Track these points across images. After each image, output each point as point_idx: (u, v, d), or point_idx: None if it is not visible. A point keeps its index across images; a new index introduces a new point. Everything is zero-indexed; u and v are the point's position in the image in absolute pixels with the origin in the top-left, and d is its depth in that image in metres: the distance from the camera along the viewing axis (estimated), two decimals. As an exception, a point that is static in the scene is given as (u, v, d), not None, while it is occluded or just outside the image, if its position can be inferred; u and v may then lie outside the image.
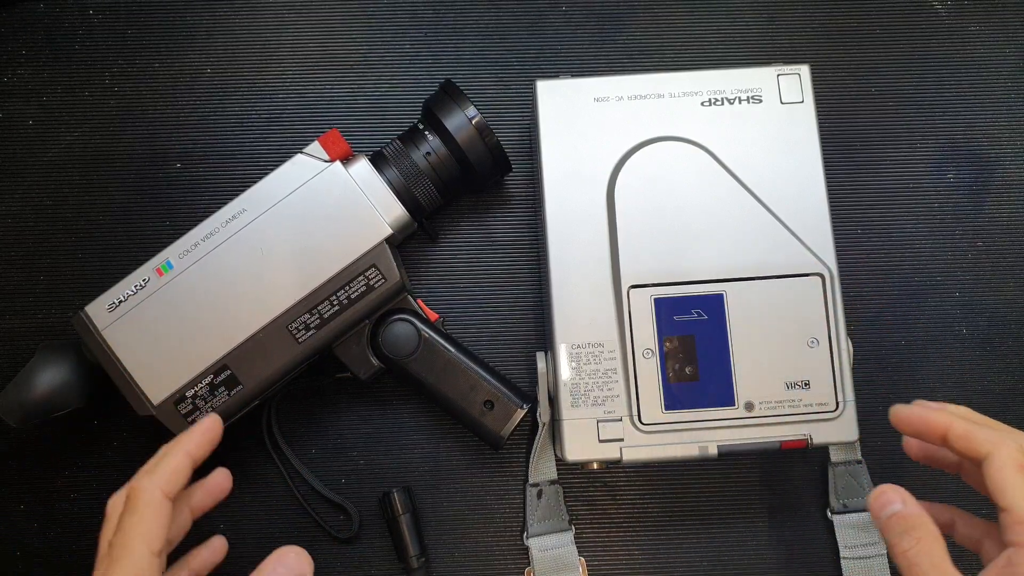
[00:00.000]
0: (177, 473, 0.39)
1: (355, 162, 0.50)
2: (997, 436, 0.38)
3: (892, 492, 0.38)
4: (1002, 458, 0.37)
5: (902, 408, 0.41)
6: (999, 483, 0.37)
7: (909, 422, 0.40)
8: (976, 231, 0.58)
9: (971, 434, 0.38)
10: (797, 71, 0.51)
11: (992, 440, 0.37)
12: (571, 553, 0.53)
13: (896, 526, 0.37)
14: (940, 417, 0.39)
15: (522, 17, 0.59)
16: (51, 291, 0.56)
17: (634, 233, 0.49)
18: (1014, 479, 0.36)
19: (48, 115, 0.58)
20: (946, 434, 0.39)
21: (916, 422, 0.40)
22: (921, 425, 0.40)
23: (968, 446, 0.38)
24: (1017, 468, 0.37)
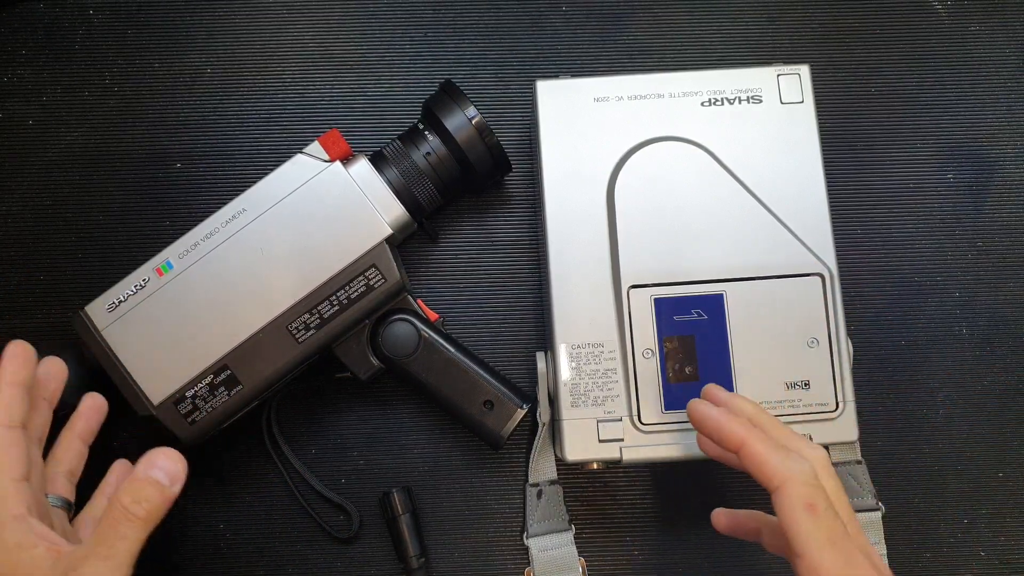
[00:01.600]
0: (8, 403, 0.40)
1: (355, 162, 0.50)
2: (788, 464, 0.36)
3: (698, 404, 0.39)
4: (792, 495, 0.35)
5: (699, 405, 0.39)
6: (789, 524, 0.35)
7: (703, 423, 0.39)
8: (976, 231, 0.58)
9: (763, 458, 0.36)
10: (797, 71, 0.51)
11: (782, 471, 0.35)
12: (571, 553, 0.53)
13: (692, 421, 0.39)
14: (738, 428, 0.38)
15: (522, 17, 0.59)
16: (51, 291, 0.56)
17: (634, 233, 0.49)
18: (804, 521, 0.34)
19: (48, 115, 0.58)
20: (739, 449, 0.37)
21: (711, 427, 0.39)
22: (715, 432, 0.38)
23: (759, 472, 0.36)
24: (805, 508, 0.35)
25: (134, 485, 0.38)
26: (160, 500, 0.38)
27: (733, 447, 0.38)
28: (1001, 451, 0.55)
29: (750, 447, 0.37)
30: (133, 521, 0.37)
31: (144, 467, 0.38)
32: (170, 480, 0.38)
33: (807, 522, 0.34)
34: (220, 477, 0.54)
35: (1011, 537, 0.54)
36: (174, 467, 0.39)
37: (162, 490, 0.38)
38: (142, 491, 0.38)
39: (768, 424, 0.39)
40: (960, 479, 0.55)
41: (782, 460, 0.36)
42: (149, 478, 0.38)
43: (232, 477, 0.54)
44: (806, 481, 0.35)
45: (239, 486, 0.54)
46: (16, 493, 0.37)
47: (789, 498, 0.35)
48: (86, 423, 0.46)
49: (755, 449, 0.37)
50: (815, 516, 0.35)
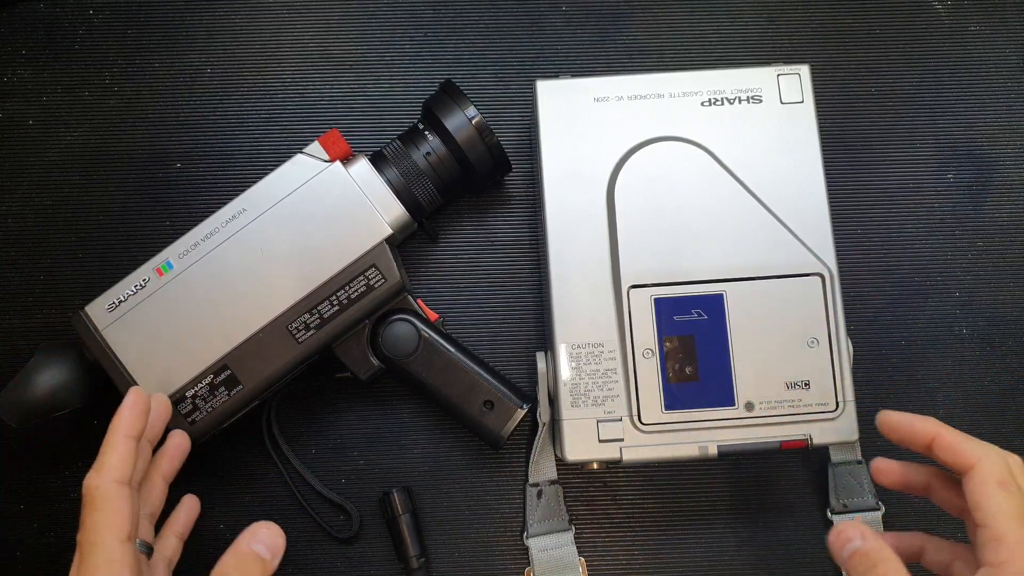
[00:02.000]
0: (123, 459, 0.40)
1: (355, 162, 0.50)
2: (983, 449, 0.37)
3: (851, 529, 0.37)
4: (985, 472, 0.36)
5: (890, 413, 0.41)
6: (979, 497, 0.36)
7: (897, 427, 0.40)
8: (976, 231, 0.58)
9: (959, 444, 0.38)
10: (797, 71, 0.51)
11: (978, 453, 0.37)
12: (571, 553, 0.53)
13: (859, 564, 0.36)
14: (928, 425, 0.39)
15: (522, 17, 0.59)
16: (51, 291, 0.56)
17: (634, 233, 0.49)
18: (995, 494, 0.36)
19: (48, 115, 0.58)
20: (933, 441, 0.38)
21: (904, 427, 0.40)
22: (908, 431, 0.40)
23: (955, 457, 0.38)
24: (999, 483, 0.36)
25: (239, 559, 0.38)
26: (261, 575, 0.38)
27: (926, 439, 0.39)
28: (1001, 451, 0.55)
29: (945, 435, 0.38)
30: None
31: (247, 540, 0.39)
32: (271, 554, 0.39)
33: (998, 495, 0.36)
34: (220, 477, 0.54)
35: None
36: (275, 542, 0.39)
37: (263, 565, 0.38)
38: (245, 565, 0.38)
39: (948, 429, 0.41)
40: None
41: (978, 444, 0.38)
42: (253, 552, 0.38)
43: (232, 477, 0.54)
44: (1000, 462, 0.37)
45: (239, 486, 0.54)
46: (122, 556, 0.37)
47: (982, 474, 0.36)
48: (170, 463, 0.46)
49: (951, 436, 0.38)
50: (1007, 491, 0.36)
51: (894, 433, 0.41)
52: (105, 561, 0.37)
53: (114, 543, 0.37)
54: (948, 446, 0.38)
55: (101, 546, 0.37)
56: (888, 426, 0.41)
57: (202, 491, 0.54)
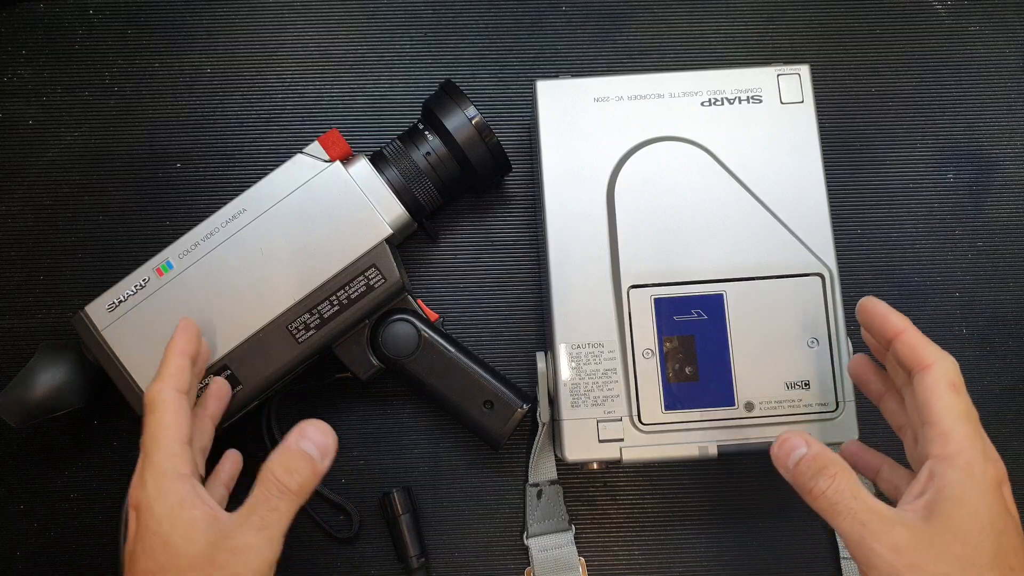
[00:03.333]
0: (180, 370, 0.41)
1: (355, 162, 0.50)
2: (940, 353, 0.38)
3: (795, 437, 0.38)
4: (939, 373, 0.37)
5: (871, 300, 0.41)
6: (930, 396, 0.37)
7: (871, 314, 0.40)
8: (976, 231, 0.58)
9: (919, 344, 0.38)
10: (797, 71, 0.51)
11: (935, 355, 0.38)
12: (571, 553, 0.53)
13: (807, 470, 0.37)
14: (899, 320, 0.39)
15: (522, 17, 0.59)
16: (51, 291, 0.56)
17: (634, 233, 0.49)
18: (946, 394, 0.37)
19: (48, 115, 0.58)
20: (897, 336, 0.39)
21: (877, 316, 0.40)
22: (879, 321, 0.40)
23: (912, 355, 0.38)
24: (950, 385, 0.37)
25: (286, 456, 0.38)
26: (311, 474, 0.38)
27: (892, 332, 0.39)
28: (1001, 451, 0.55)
29: (909, 333, 0.39)
30: (285, 493, 0.37)
31: (296, 438, 0.39)
32: (320, 454, 0.38)
33: (948, 396, 0.36)
34: (220, 477, 0.54)
35: (1011, 537, 0.54)
36: (325, 440, 0.39)
37: (313, 464, 0.38)
38: (293, 462, 0.38)
39: None
40: None
41: (936, 348, 0.38)
42: (301, 450, 0.38)
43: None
44: (954, 368, 0.38)
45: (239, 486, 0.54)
46: (182, 453, 0.39)
47: (935, 375, 0.37)
48: (216, 404, 0.46)
49: (913, 335, 0.39)
50: (957, 394, 0.37)
51: (867, 317, 0.41)
52: (168, 455, 0.38)
53: (175, 441, 0.39)
54: (909, 343, 0.38)
55: (164, 444, 0.38)
56: (865, 310, 0.41)
57: (202, 491, 0.54)
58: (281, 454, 0.38)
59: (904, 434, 0.42)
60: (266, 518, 0.37)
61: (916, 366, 0.38)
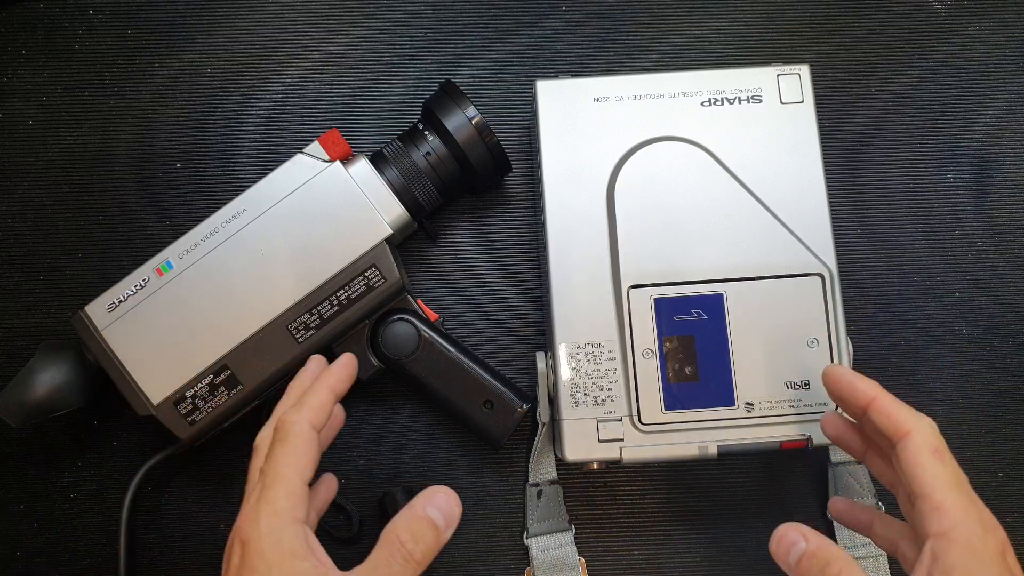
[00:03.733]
0: (323, 407, 0.40)
1: (355, 162, 0.50)
2: (916, 417, 0.37)
3: (791, 532, 0.37)
4: (919, 441, 0.36)
5: (837, 369, 0.40)
6: (915, 468, 0.36)
7: (838, 383, 0.40)
8: (976, 231, 0.58)
9: (894, 411, 0.37)
10: (797, 71, 0.51)
11: (911, 421, 0.37)
12: (571, 553, 0.53)
13: (810, 566, 0.36)
14: (868, 387, 0.39)
15: (522, 17, 0.59)
16: (51, 291, 0.56)
17: (634, 233, 0.49)
18: (930, 463, 0.36)
19: (48, 115, 0.58)
20: (869, 405, 0.38)
21: (844, 386, 0.39)
22: (848, 390, 0.39)
23: (889, 423, 0.37)
24: (933, 451, 0.36)
25: (413, 522, 0.36)
26: (435, 543, 0.36)
27: (863, 402, 0.38)
28: (1000, 451, 0.55)
29: (882, 400, 0.38)
30: (409, 561, 0.36)
31: (423, 503, 0.37)
32: (446, 523, 0.37)
33: (934, 465, 0.36)
34: (220, 477, 0.54)
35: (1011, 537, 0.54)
36: (451, 510, 0.38)
37: (438, 534, 0.37)
38: (420, 529, 0.36)
39: None
40: None
41: (911, 413, 0.38)
42: (428, 518, 0.37)
43: (232, 477, 0.54)
44: (933, 431, 0.37)
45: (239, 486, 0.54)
46: (302, 494, 0.37)
47: (916, 443, 0.36)
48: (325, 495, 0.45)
49: (886, 402, 0.38)
50: (942, 460, 0.36)
51: (835, 387, 0.40)
52: (286, 493, 0.36)
53: (297, 480, 0.37)
54: (883, 411, 0.38)
55: (285, 478, 0.36)
56: (832, 380, 0.40)
57: (202, 491, 0.54)
58: (408, 519, 0.36)
59: (896, 491, 0.41)
60: None
61: (895, 435, 0.37)
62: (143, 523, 0.53)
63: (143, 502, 0.54)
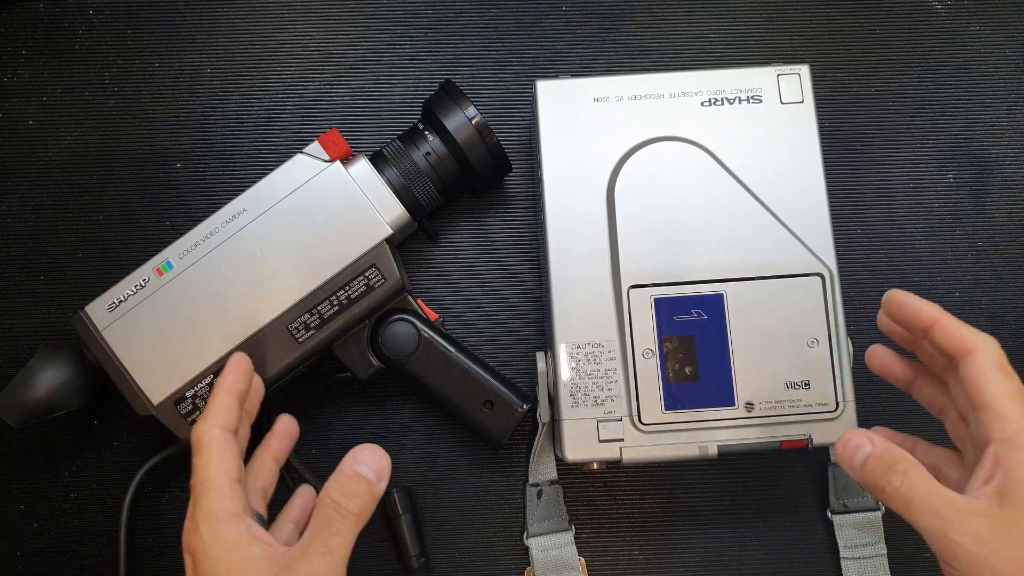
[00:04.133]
0: (226, 408, 0.41)
1: (355, 162, 0.50)
2: (982, 336, 0.38)
3: (857, 436, 0.37)
4: (985, 356, 0.37)
5: (899, 292, 0.40)
6: (979, 381, 0.36)
7: (901, 306, 0.40)
8: (976, 231, 0.58)
9: (959, 329, 0.38)
10: (797, 71, 0.51)
11: (978, 339, 0.37)
12: (571, 553, 0.53)
13: (876, 468, 0.36)
14: (932, 309, 0.39)
15: (522, 17, 0.59)
16: (51, 291, 0.56)
17: (634, 233, 0.49)
18: (996, 376, 0.36)
19: (48, 115, 0.58)
20: (934, 325, 0.38)
21: (908, 308, 0.40)
22: (911, 312, 0.39)
23: (954, 341, 0.38)
24: (998, 367, 0.37)
25: (342, 480, 0.38)
26: (368, 497, 0.38)
27: (928, 321, 0.39)
28: (1001, 451, 0.55)
29: (946, 320, 0.38)
30: (346, 517, 0.37)
31: (350, 462, 0.38)
32: (376, 476, 0.38)
33: (999, 379, 0.36)
34: (220, 477, 0.54)
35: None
36: (379, 464, 0.39)
37: (370, 487, 0.38)
38: (350, 486, 0.38)
39: None
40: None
41: (976, 332, 0.38)
42: (356, 474, 0.38)
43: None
44: (997, 348, 0.37)
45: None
46: (233, 493, 0.38)
47: (981, 359, 0.37)
48: (280, 443, 0.46)
49: (950, 322, 0.38)
50: (1006, 375, 0.37)
51: (898, 311, 0.40)
52: (217, 498, 0.38)
53: (223, 481, 0.38)
54: (948, 331, 0.38)
55: (212, 484, 0.38)
56: (895, 303, 0.40)
57: (202, 491, 0.54)
58: (337, 479, 0.38)
59: (946, 416, 0.41)
60: (328, 543, 0.36)
61: (960, 352, 0.38)
62: (143, 523, 0.54)
63: (143, 502, 0.54)
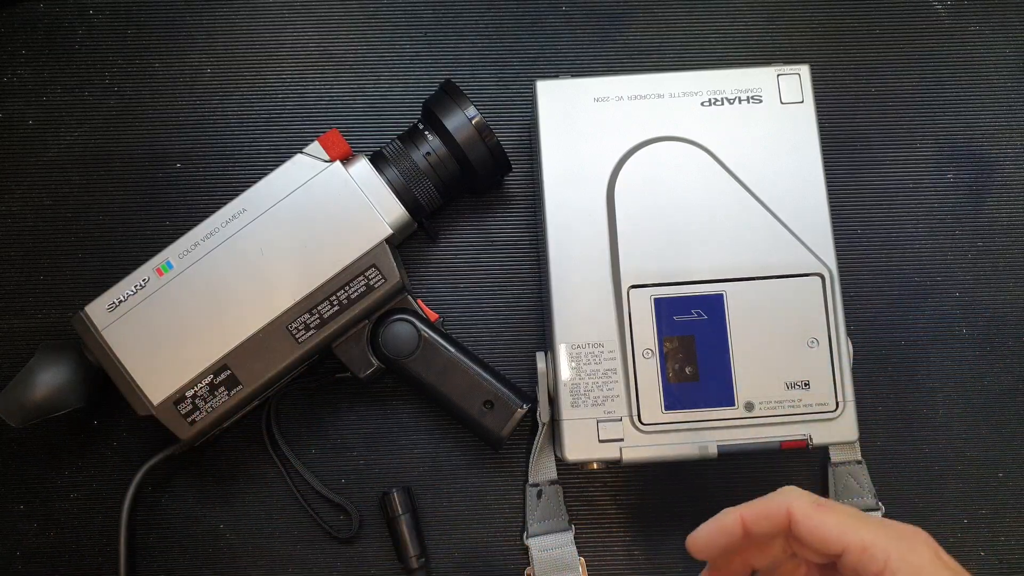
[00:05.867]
0: None
1: (355, 162, 0.50)
2: (781, 494, 0.34)
3: None
4: (796, 507, 0.34)
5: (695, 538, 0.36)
6: (815, 531, 0.33)
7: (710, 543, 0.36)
8: (976, 231, 0.58)
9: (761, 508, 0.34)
10: (797, 71, 0.51)
11: (779, 500, 0.34)
12: (571, 553, 0.53)
13: None
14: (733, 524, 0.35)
15: (522, 17, 0.59)
16: (51, 291, 0.56)
17: (634, 233, 0.49)
18: (822, 516, 0.33)
19: (48, 115, 0.58)
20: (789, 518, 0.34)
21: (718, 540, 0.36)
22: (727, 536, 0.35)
23: (767, 523, 0.34)
24: (814, 506, 0.33)
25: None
26: None
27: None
28: (1000, 451, 0.55)
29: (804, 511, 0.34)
30: None
31: None
32: None
33: (825, 516, 0.33)
34: (220, 477, 0.54)
35: (1010, 537, 0.54)
36: None
37: None
38: None
39: None
40: (959, 479, 0.55)
41: (770, 500, 0.35)
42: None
43: (232, 477, 0.54)
44: (797, 492, 0.35)
45: (239, 486, 0.54)
46: None
47: (797, 511, 0.34)
48: None
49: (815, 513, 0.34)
50: (828, 508, 0.34)
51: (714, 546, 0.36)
52: None
53: None
54: (759, 512, 0.35)
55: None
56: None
57: (202, 491, 0.54)
58: None
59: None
60: None
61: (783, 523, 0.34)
62: (143, 523, 0.54)
63: (143, 502, 0.54)
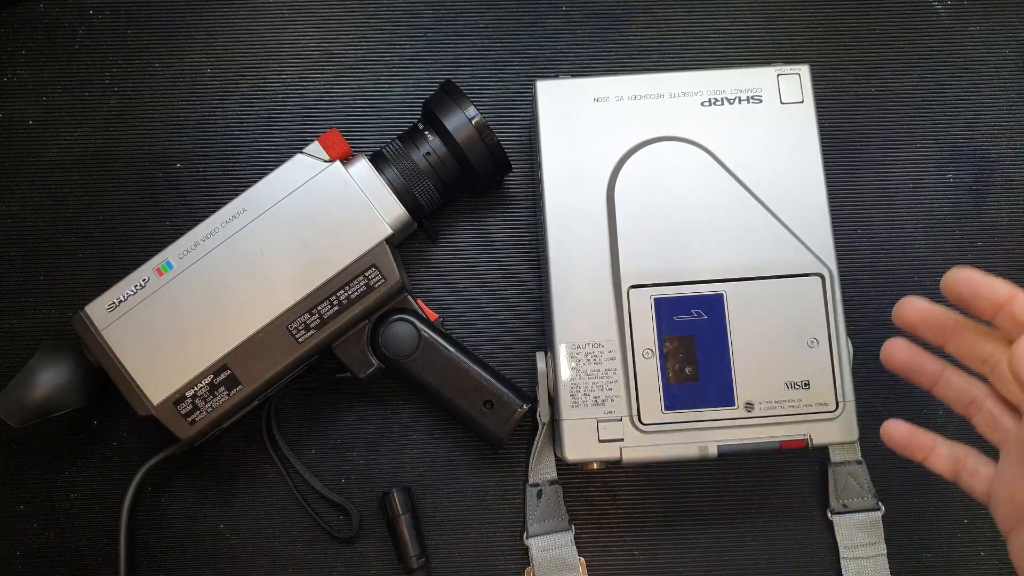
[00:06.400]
0: None
1: (355, 162, 0.50)
2: None
3: None
4: None
5: (967, 269, 0.36)
6: None
7: (971, 281, 0.36)
8: (976, 231, 0.58)
9: None
10: (797, 71, 0.51)
11: None
12: (571, 553, 0.53)
13: None
14: (1006, 284, 0.35)
15: (522, 17, 0.59)
16: (51, 291, 0.56)
17: (634, 233, 0.49)
18: None
19: (48, 115, 0.58)
20: (1011, 300, 0.35)
21: (980, 284, 0.36)
22: (985, 288, 0.36)
23: None
24: None
25: None
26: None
27: (1002, 298, 0.35)
28: (1001, 451, 0.55)
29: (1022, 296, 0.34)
30: None
31: None
32: None
33: None
34: (220, 477, 0.54)
35: (1011, 537, 0.54)
36: None
37: None
38: None
39: None
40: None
41: None
42: None
43: (232, 477, 0.54)
44: None
45: (239, 486, 0.54)
46: None
47: None
48: None
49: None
50: None
51: (967, 286, 0.36)
52: None
53: None
54: None
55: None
56: (964, 278, 0.36)
57: (202, 491, 0.54)
58: None
59: (977, 410, 0.39)
60: None
61: None
62: (143, 523, 0.54)
63: (143, 502, 0.54)
